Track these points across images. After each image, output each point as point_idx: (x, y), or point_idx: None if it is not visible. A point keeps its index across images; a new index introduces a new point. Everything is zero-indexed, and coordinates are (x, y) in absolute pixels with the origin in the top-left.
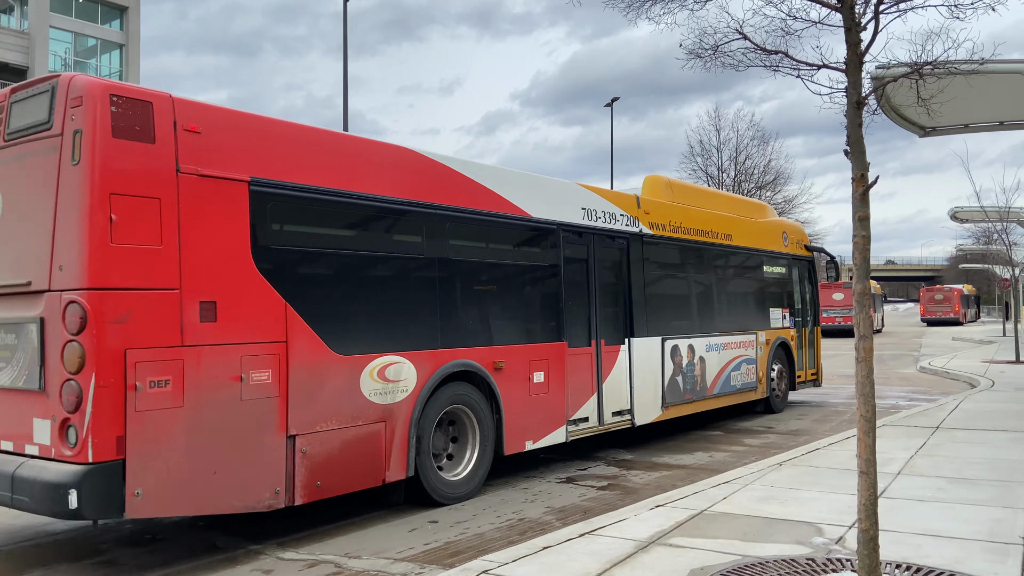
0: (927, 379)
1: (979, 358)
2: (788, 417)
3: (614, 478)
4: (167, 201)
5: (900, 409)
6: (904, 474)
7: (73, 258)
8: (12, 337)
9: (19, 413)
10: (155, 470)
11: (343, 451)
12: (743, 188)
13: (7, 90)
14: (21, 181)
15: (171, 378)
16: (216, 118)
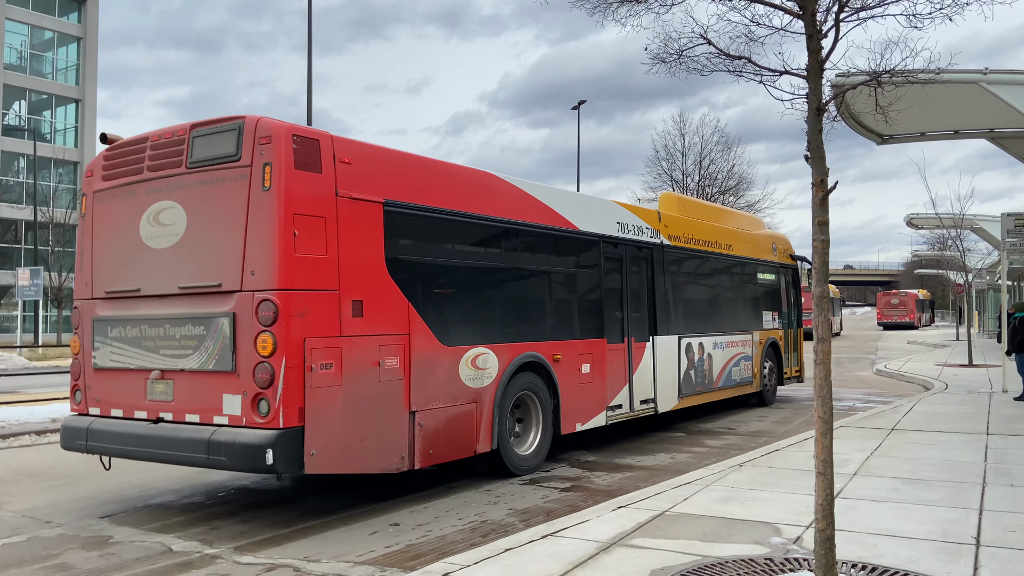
0: (883, 382)
1: (933, 361)
2: (749, 419)
3: (577, 479)
4: (330, 219)
5: (857, 411)
6: (860, 475)
7: (265, 265)
8: (200, 329)
9: (207, 390)
10: (323, 435)
11: (447, 426)
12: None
13: (187, 125)
14: (207, 201)
15: (333, 362)
16: (361, 151)
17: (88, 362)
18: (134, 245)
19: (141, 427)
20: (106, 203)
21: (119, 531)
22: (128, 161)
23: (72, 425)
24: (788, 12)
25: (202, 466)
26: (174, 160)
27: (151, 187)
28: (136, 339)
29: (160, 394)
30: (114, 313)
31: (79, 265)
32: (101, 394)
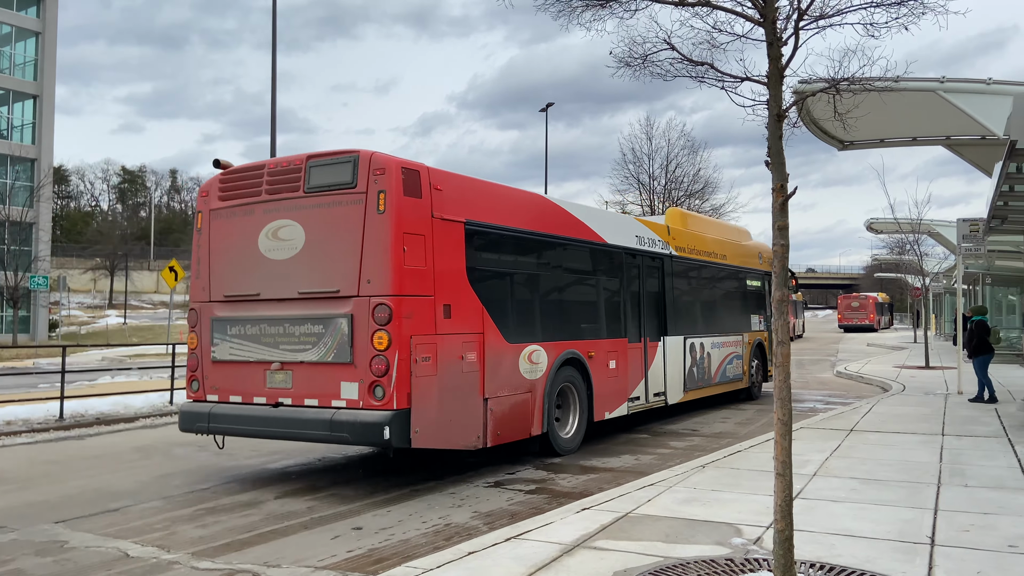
0: (843, 383)
1: (891, 363)
2: (713, 420)
3: (542, 482)
4: (427, 237)
5: (817, 412)
6: (819, 475)
7: (381, 275)
8: (319, 327)
9: (325, 379)
10: (424, 416)
11: (510, 411)
12: (673, 196)
13: (303, 156)
14: (323, 221)
15: (431, 356)
16: (448, 179)
17: (206, 356)
18: (253, 256)
19: (262, 410)
20: (223, 220)
21: (75, 536)
22: (245, 185)
23: (192, 410)
24: (749, 19)
25: (323, 442)
26: (291, 185)
27: (269, 207)
28: (256, 336)
29: (279, 382)
30: (233, 314)
31: (195, 272)
32: (219, 383)
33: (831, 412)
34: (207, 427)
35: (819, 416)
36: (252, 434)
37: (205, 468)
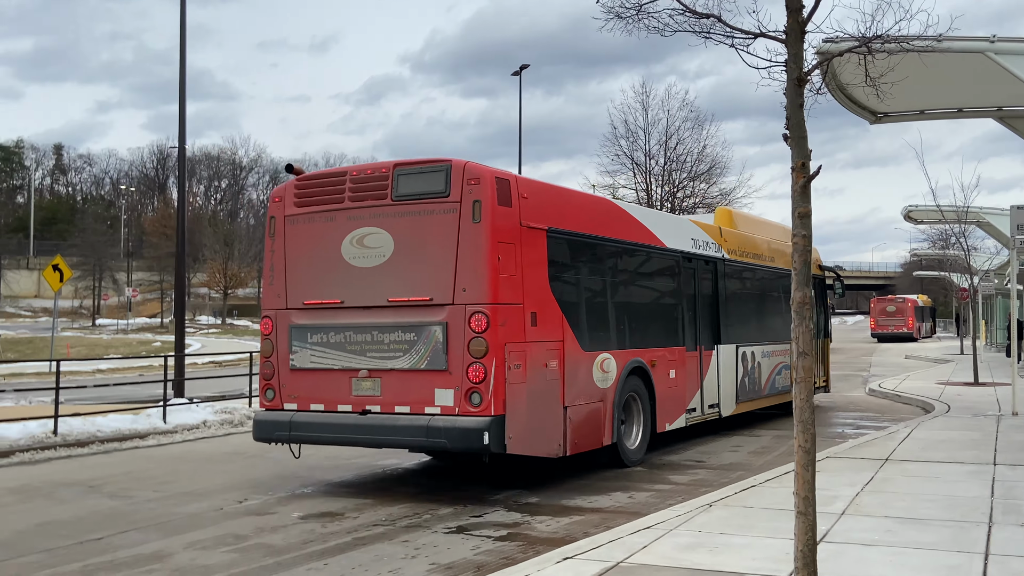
0: (876, 403)
1: (934, 379)
2: (721, 448)
3: (515, 526)
4: (517, 245)
5: (846, 438)
6: (849, 514)
7: (477, 283)
8: (411, 335)
9: (418, 386)
10: (517, 423)
11: (586, 420)
12: (674, 178)
13: (390, 164)
14: (414, 229)
15: (521, 363)
16: (532, 187)
17: (284, 364)
18: (335, 263)
19: (349, 418)
20: (299, 226)
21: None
22: (325, 191)
23: (269, 419)
24: None
25: (418, 448)
26: (377, 193)
27: (353, 214)
28: (340, 343)
29: (367, 390)
30: (314, 321)
31: (268, 279)
32: (298, 391)
33: (863, 438)
34: (288, 435)
35: (848, 443)
36: (338, 441)
37: (97, 513)
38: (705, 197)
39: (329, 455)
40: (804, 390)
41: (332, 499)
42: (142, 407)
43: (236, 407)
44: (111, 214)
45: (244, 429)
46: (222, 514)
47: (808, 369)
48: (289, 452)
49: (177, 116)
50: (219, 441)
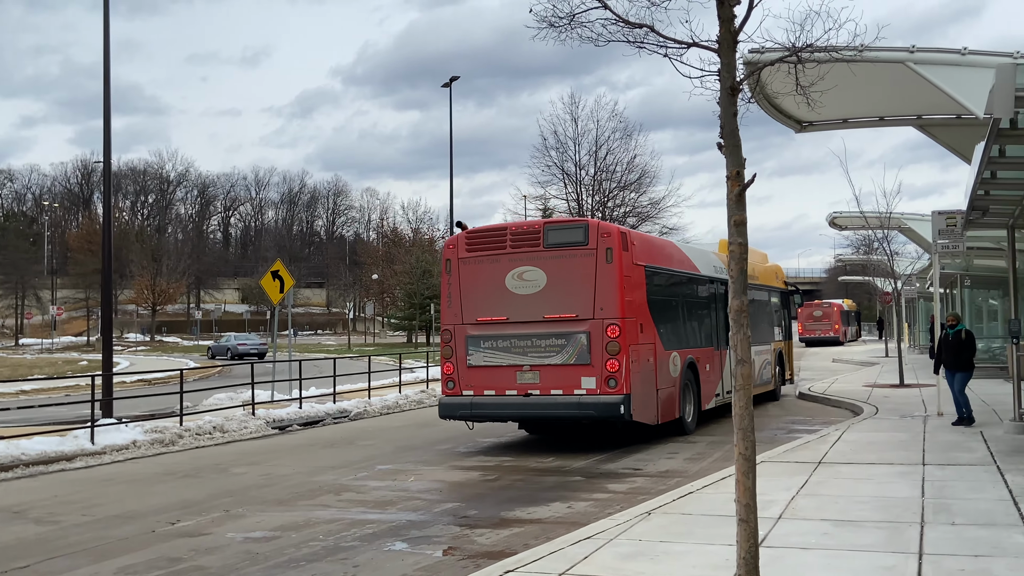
0: (808, 406)
1: (861, 382)
2: (657, 455)
3: (455, 539)
4: (632, 277)
5: (780, 442)
6: (786, 518)
7: (611, 304)
8: (562, 340)
9: (568, 375)
10: (636, 400)
11: (667, 399)
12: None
13: (540, 223)
14: (561, 268)
15: (636, 358)
16: (637, 236)
17: (462, 363)
18: (500, 292)
19: (516, 399)
20: (471, 266)
21: None
22: (491, 241)
23: (453, 402)
24: None
25: (571, 418)
26: (532, 242)
27: (513, 257)
28: (507, 347)
29: (528, 379)
30: (485, 332)
31: (447, 303)
32: (473, 382)
33: (796, 441)
34: (470, 413)
35: (782, 447)
36: (507, 416)
37: (23, 540)
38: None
39: (264, 474)
40: (743, 398)
41: (268, 516)
42: (69, 428)
43: (167, 426)
44: (34, 231)
45: (176, 448)
46: (154, 536)
47: (747, 376)
48: (223, 472)
49: (102, 131)
50: (150, 461)
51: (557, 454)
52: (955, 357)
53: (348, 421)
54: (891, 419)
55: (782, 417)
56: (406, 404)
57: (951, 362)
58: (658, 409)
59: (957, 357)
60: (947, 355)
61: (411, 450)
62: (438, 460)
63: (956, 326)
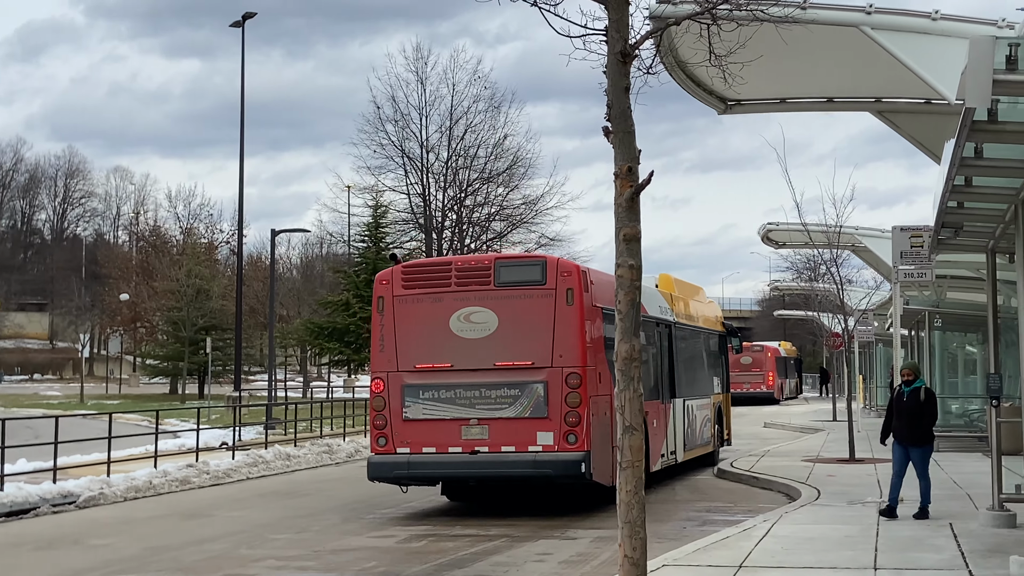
0: (728, 488)
1: (800, 455)
2: (523, 558)
3: None
4: (591, 320)
5: (688, 538)
6: None
7: (571, 351)
8: (515, 391)
9: (522, 430)
10: (595, 458)
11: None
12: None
13: (490, 257)
14: (514, 309)
15: (595, 411)
16: (595, 275)
17: (396, 416)
18: (444, 335)
19: (461, 457)
20: (408, 305)
21: None
22: (432, 277)
23: (386, 461)
24: None
25: (525, 478)
26: (480, 279)
27: (458, 296)
28: (450, 399)
29: (475, 435)
30: (425, 381)
31: (378, 346)
32: (410, 438)
33: (709, 537)
34: (407, 473)
35: (691, 545)
36: (452, 476)
37: None
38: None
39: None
40: (632, 479)
41: None
42: None
43: None
44: None
45: None
46: None
47: (637, 449)
48: None
49: None
50: None
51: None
52: (911, 425)
53: (75, 509)
54: (836, 506)
55: (695, 503)
56: (164, 485)
57: (906, 432)
58: (613, 469)
59: (914, 425)
60: (901, 421)
61: (165, 550)
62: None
63: (914, 382)
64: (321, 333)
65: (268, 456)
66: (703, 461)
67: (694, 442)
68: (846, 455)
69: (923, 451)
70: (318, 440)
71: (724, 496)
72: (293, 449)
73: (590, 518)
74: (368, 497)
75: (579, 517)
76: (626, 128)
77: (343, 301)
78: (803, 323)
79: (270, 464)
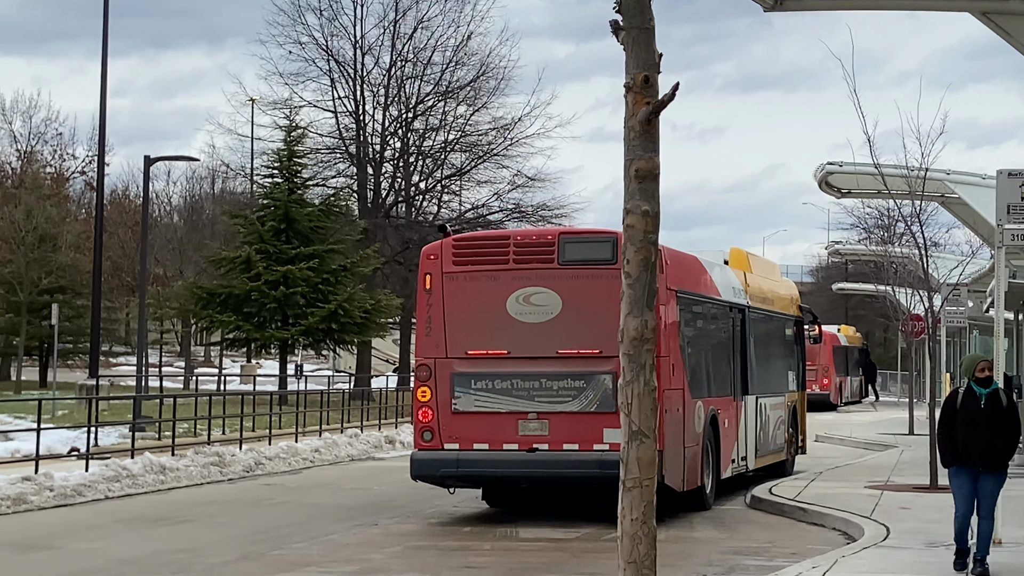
0: (764, 523)
1: (864, 479)
2: None
3: None
4: (666, 306)
5: None
6: None
7: None
8: (580, 382)
9: (587, 426)
10: (668, 459)
11: (691, 461)
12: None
13: (554, 232)
14: (581, 290)
15: (668, 407)
16: (668, 255)
17: (445, 408)
18: (500, 318)
19: (518, 455)
20: (459, 284)
21: None
22: (487, 253)
23: (432, 458)
24: None
25: (589, 480)
26: (543, 257)
27: (517, 275)
28: (506, 389)
29: (534, 430)
30: (478, 369)
31: (424, 329)
32: (460, 433)
33: None
34: (455, 472)
35: None
36: (507, 477)
37: None
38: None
39: None
40: (640, 503)
41: None
42: None
43: None
44: None
45: None
46: None
47: (647, 463)
48: None
49: None
50: None
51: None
52: (992, 441)
53: None
54: (911, 548)
55: (719, 542)
56: None
57: (983, 451)
58: (684, 472)
59: (995, 442)
60: (974, 435)
61: None
62: None
63: (991, 382)
64: (211, 301)
65: (135, 468)
66: (774, 472)
67: (767, 447)
68: (926, 481)
69: (1000, 478)
70: (204, 448)
71: (759, 534)
72: (170, 459)
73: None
74: (273, 525)
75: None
76: (643, 23)
77: (242, 258)
78: (871, 301)
79: (137, 479)
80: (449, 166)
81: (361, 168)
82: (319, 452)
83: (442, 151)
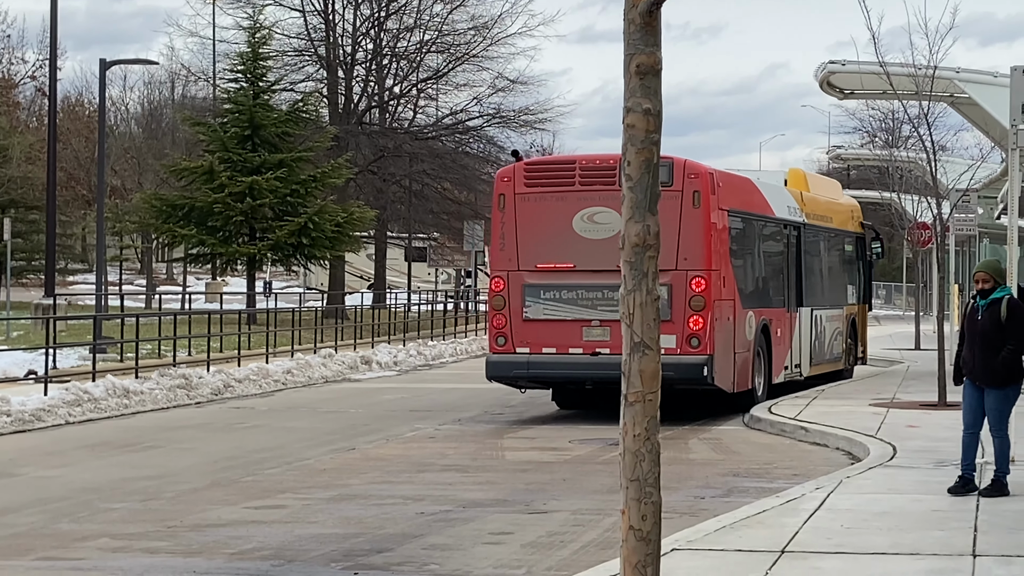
0: (764, 443)
1: (868, 397)
2: (470, 540)
3: None
4: (718, 224)
5: (706, 512)
6: None
7: (696, 254)
8: None
9: None
10: (718, 362)
11: (742, 365)
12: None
13: (616, 156)
14: None
15: (719, 315)
16: (721, 176)
17: (516, 316)
18: (566, 235)
19: (582, 358)
20: (530, 204)
21: None
22: (556, 176)
23: (505, 360)
24: None
25: None
26: (606, 179)
27: (583, 196)
28: (572, 299)
29: (596, 336)
30: (547, 281)
31: (498, 244)
32: (530, 338)
33: (740, 510)
34: (526, 373)
35: (712, 522)
36: (571, 378)
37: None
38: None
39: None
40: (642, 418)
41: None
42: None
43: None
44: None
45: None
46: None
47: (650, 376)
48: None
49: None
50: None
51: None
52: (986, 354)
53: None
54: (919, 468)
55: (716, 463)
56: None
57: (979, 364)
58: (734, 376)
59: (989, 354)
60: (972, 349)
61: None
62: None
63: (992, 291)
64: (173, 214)
65: (97, 392)
66: (831, 379)
67: (822, 356)
68: (934, 398)
69: (1001, 394)
70: (170, 370)
71: (759, 454)
72: (133, 382)
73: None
74: (245, 451)
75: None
76: None
77: (205, 167)
78: (875, 209)
79: (100, 403)
80: (425, 68)
81: (331, 71)
82: (291, 374)
83: (417, 52)
